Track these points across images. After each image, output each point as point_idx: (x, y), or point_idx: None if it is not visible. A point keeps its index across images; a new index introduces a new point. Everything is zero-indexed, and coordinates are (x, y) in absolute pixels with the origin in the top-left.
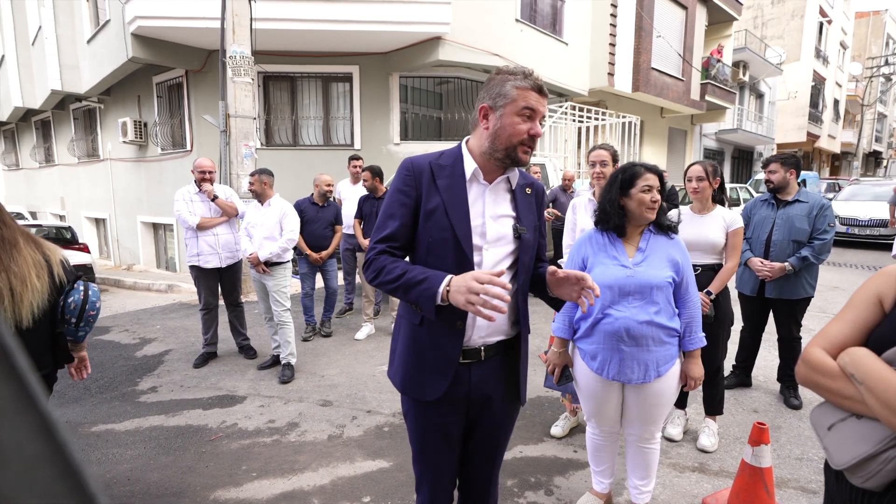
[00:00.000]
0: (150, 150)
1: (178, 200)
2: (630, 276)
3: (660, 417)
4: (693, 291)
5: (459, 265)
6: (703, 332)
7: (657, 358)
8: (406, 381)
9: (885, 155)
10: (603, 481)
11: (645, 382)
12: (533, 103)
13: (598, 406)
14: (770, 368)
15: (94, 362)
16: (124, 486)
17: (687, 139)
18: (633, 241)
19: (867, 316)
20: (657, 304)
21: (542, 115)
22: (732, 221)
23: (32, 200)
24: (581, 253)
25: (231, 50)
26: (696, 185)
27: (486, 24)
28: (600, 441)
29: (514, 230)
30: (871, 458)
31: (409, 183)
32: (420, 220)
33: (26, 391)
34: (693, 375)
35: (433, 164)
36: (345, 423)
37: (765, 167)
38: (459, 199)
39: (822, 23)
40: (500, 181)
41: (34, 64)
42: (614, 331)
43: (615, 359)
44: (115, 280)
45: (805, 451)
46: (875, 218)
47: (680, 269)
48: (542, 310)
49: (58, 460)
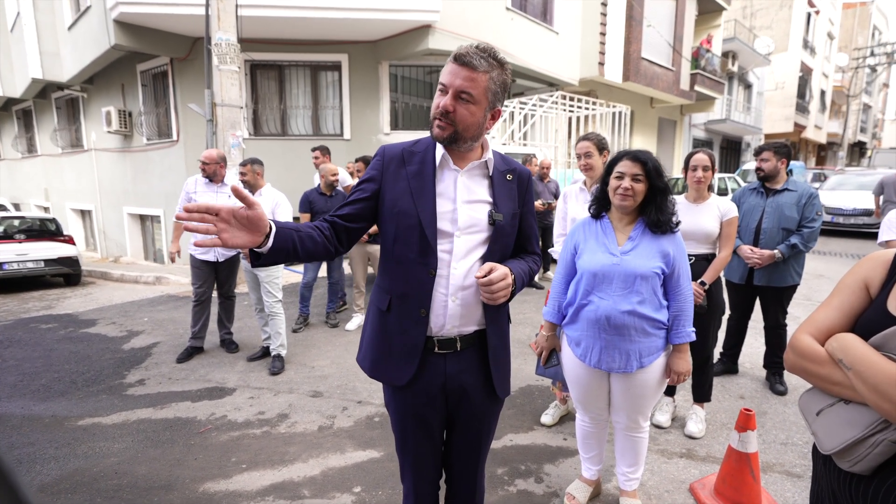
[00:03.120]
0: (135, 140)
1: (182, 192)
2: (616, 265)
3: (646, 407)
4: (685, 284)
5: (423, 252)
6: (693, 328)
7: (640, 349)
8: (374, 365)
9: (870, 145)
10: (591, 468)
11: (627, 372)
12: (446, 75)
13: (584, 392)
14: (756, 356)
15: (80, 355)
16: (111, 480)
17: (676, 129)
18: (625, 231)
19: (854, 301)
20: (641, 294)
21: (456, 88)
22: (727, 210)
23: (15, 192)
24: (574, 239)
25: (216, 37)
26: (701, 175)
27: (476, 13)
28: (589, 428)
29: (489, 216)
30: (859, 442)
31: (377, 167)
32: (386, 206)
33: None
34: (678, 370)
35: (406, 150)
36: (335, 414)
37: (757, 155)
38: (425, 185)
39: (810, 13)
40: (474, 166)
41: (13, 51)
42: (596, 318)
43: (597, 346)
44: (102, 272)
45: (790, 436)
46: (859, 207)
47: (671, 260)
48: (534, 299)
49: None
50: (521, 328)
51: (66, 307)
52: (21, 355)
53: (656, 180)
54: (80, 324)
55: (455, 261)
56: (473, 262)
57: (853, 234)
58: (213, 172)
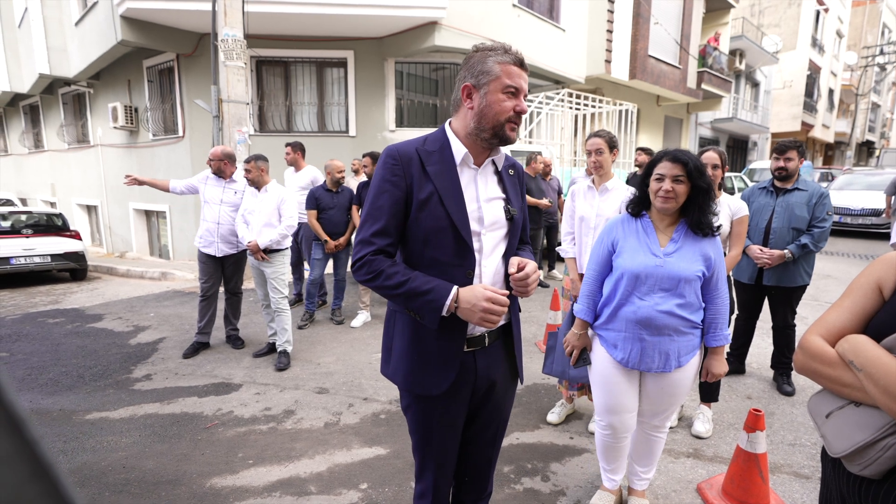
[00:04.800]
0: (141, 136)
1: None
2: (659, 266)
3: (674, 407)
4: (722, 288)
5: (459, 254)
6: (728, 331)
7: (679, 347)
8: (410, 377)
9: (878, 145)
10: (613, 478)
11: (665, 371)
12: (517, 79)
13: (613, 396)
14: (764, 356)
15: (87, 350)
16: (119, 474)
17: (682, 127)
18: (667, 232)
19: (866, 303)
20: (684, 297)
21: (525, 91)
22: (738, 209)
23: (22, 187)
24: (611, 236)
25: (223, 33)
26: (710, 173)
27: (482, 10)
28: (610, 441)
29: (506, 212)
30: (870, 445)
31: (396, 172)
32: (412, 210)
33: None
34: (715, 371)
35: (420, 150)
36: (341, 411)
37: (781, 154)
38: (453, 185)
39: (819, 11)
40: (487, 163)
41: (21, 47)
42: (637, 319)
43: (636, 347)
44: (108, 267)
45: (798, 437)
46: (868, 207)
47: (712, 263)
48: (539, 297)
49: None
50: (527, 326)
51: (72, 302)
52: (29, 349)
53: (698, 180)
54: (86, 318)
55: (484, 258)
56: (498, 258)
57: (861, 234)
58: (217, 168)
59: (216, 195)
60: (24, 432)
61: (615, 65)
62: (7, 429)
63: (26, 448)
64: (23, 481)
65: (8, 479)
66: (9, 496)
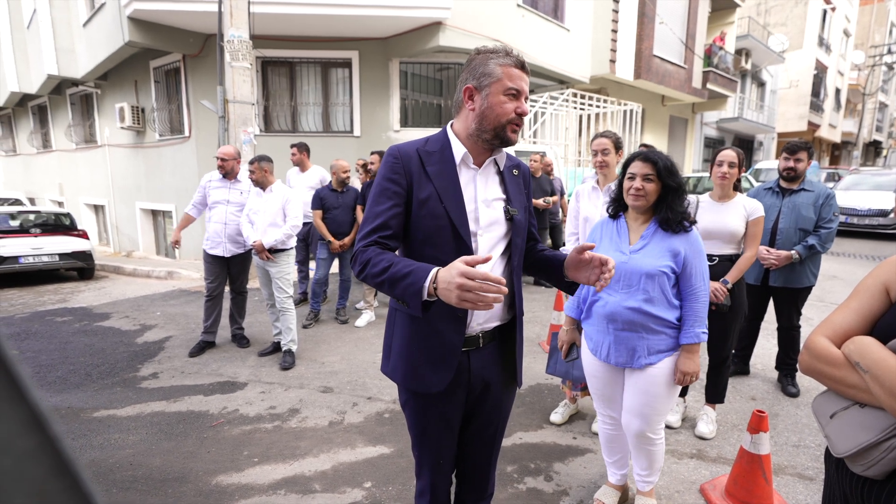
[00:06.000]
0: (148, 136)
1: (199, 187)
2: (624, 263)
3: (655, 413)
4: (697, 284)
5: (458, 253)
6: (703, 329)
7: (648, 345)
8: (408, 374)
9: (886, 145)
10: (617, 472)
11: (634, 368)
12: (518, 81)
13: (602, 387)
14: (768, 357)
15: (95, 348)
16: (126, 472)
17: (688, 127)
18: (640, 230)
19: (873, 305)
20: (647, 292)
21: (526, 93)
22: (754, 210)
23: (30, 186)
24: (593, 237)
25: (229, 34)
26: (726, 171)
27: (487, 10)
28: (611, 431)
29: (505, 212)
30: (874, 446)
31: (397, 170)
32: (412, 209)
33: (15, 382)
34: (684, 370)
35: (420, 150)
36: (345, 410)
37: (792, 154)
38: (452, 185)
39: (826, 10)
40: (488, 164)
41: (30, 48)
42: (605, 314)
43: (606, 341)
44: (115, 267)
45: (802, 439)
46: (874, 208)
47: (682, 259)
48: (542, 297)
49: (50, 456)
50: (531, 326)
51: (80, 300)
52: (38, 347)
53: (667, 179)
54: (94, 317)
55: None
56: (497, 257)
57: (868, 234)
58: (230, 169)
59: (222, 196)
60: (46, 429)
61: (620, 64)
62: (31, 425)
63: (49, 444)
64: (46, 476)
65: (32, 474)
66: (33, 490)
